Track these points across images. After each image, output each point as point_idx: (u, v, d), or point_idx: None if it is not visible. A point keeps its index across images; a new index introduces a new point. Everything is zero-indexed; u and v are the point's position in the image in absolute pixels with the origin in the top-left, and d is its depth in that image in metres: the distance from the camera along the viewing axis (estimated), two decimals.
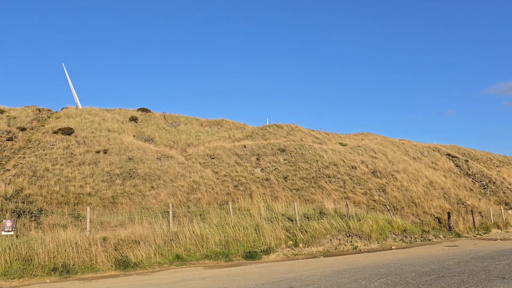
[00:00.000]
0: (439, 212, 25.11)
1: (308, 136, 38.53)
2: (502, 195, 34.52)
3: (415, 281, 9.51)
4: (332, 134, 44.62)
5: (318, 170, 27.72)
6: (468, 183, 34.89)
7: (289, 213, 19.46)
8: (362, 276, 10.32)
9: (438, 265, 11.81)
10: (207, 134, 38.55)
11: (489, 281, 9.34)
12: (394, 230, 19.80)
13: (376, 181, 27.36)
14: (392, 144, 41.13)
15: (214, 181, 25.53)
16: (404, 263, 12.42)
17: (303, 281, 9.84)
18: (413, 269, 11.25)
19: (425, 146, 44.19)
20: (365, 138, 46.28)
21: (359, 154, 32.00)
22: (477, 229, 24.19)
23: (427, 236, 20.67)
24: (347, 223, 18.49)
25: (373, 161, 30.55)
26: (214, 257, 14.81)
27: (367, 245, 17.76)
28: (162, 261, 14.13)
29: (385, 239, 18.76)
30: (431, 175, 31.85)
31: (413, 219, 23.81)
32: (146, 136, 34.86)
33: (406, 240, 19.51)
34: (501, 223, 26.58)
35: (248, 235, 16.10)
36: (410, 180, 28.65)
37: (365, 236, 18.21)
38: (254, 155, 29.71)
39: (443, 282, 9.35)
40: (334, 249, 16.95)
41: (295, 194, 24.78)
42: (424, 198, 26.49)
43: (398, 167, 30.45)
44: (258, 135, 37.82)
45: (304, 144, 32.36)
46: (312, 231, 17.21)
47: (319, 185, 25.96)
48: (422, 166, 34.32)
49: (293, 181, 26.31)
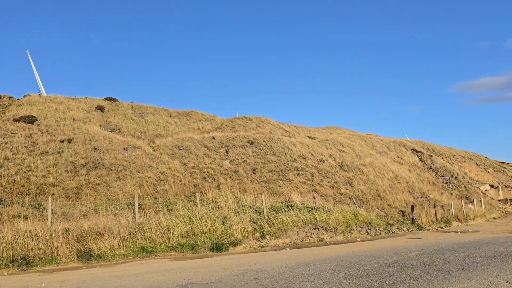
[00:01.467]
0: (403, 205, 25.77)
1: (277, 129, 38.65)
2: (463, 189, 35.79)
3: (378, 272, 9.69)
4: (301, 128, 44.95)
5: (286, 163, 27.87)
6: (432, 178, 35.96)
7: (257, 206, 19.47)
8: (327, 267, 10.43)
9: (400, 257, 12.09)
10: (176, 125, 38.02)
11: (448, 272, 9.62)
12: (359, 222, 20.18)
13: (343, 175, 27.77)
14: (360, 138, 41.85)
15: (182, 173, 25.23)
16: (368, 255, 12.64)
17: (268, 273, 9.85)
18: (376, 260, 11.46)
19: (392, 141, 45.21)
20: (333, 132, 46.88)
21: (327, 147, 32.37)
22: (439, 222, 24.99)
23: (391, 229, 21.17)
24: (314, 215, 18.67)
25: (341, 155, 30.98)
26: (180, 249, 14.64)
27: (333, 238, 18.01)
28: (126, 253, 13.84)
29: (350, 232, 19.08)
30: (396, 169, 32.62)
31: (378, 212, 24.33)
32: (113, 126, 34.04)
33: (371, 232, 19.91)
34: (462, 216, 27.57)
35: (215, 227, 16.00)
36: (376, 174, 29.24)
37: (331, 229, 18.46)
38: (223, 147, 29.55)
39: (405, 273, 9.56)
40: (300, 241, 17.10)
41: (263, 187, 24.83)
42: (389, 192, 27.11)
43: (365, 161, 31.01)
44: (227, 127, 37.63)
45: (273, 137, 32.43)
46: (279, 224, 17.29)
47: (287, 177, 26.10)
48: (388, 161, 35.09)
49: (262, 174, 26.35)
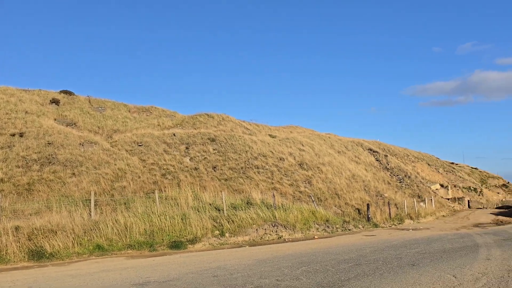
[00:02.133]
0: (359, 203, 26.51)
1: (238, 127, 38.69)
2: (415, 188, 37.29)
3: (334, 268, 9.95)
4: (263, 126, 45.22)
5: (247, 161, 27.96)
6: (387, 177, 37.22)
7: (217, 203, 19.44)
8: (285, 264, 10.60)
9: (356, 254, 12.47)
10: (135, 121, 37.22)
11: (400, 268, 10.03)
12: (317, 220, 20.58)
13: (302, 173, 28.20)
14: (319, 137, 42.64)
15: (141, 169, 24.75)
16: (325, 252, 12.95)
17: (227, 270, 9.88)
18: (333, 257, 11.76)
19: (350, 140, 46.38)
20: (294, 131, 47.48)
21: (288, 146, 32.76)
22: (392, 220, 25.92)
23: (348, 226, 21.75)
24: (273, 213, 18.87)
25: (301, 154, 31.45)
26: (138, 247, 14.38)
27: (292, 235, 18.28)
28: (81, 252, 13.44)
29: (308, 229, 19.43)
30: (353, 168, 33.50)
31: (336, 210, 24.91)
32: (68, 120, 32.83)
33: (328, 230, 20.37)
34: (414, 214, 28.73)
35: (175, 224, 15.84)
36: (335, 173, 29.91)
37: (290, 226, 18.72)
38: (184, 144, 29.25)
39: (360, 269, 9.88)
40: (259, 239, 17.23)
41: (224, 184, 24.80)
42: (346, 190, 27.81)
43: (324, 160, 31.63)
44: (188, 124, 37.26)
45: (235, 134, 32.44)
46: (239, 221, 17.35)
47: (247, 175, 26.21)
48: (346, 160, 35.98)
49: (222, 171, 26.31)
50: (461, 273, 9.34)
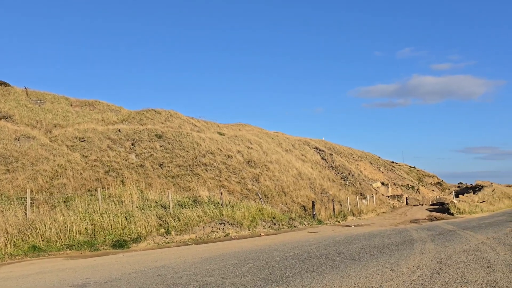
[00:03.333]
0: (305, 201, 27.11)
1: (187, 124, 38.21)
2: (358, 186, 38.71)
3: (279, 265, 10.10)
4: (211, 123, 44.97)
5: (195, 158, 27.69)
6: (332, 175, 38.33)
7: (163, 201, 19.09)
8: (231, 262, 10.61)
9: (300, 250, 12.73)
10: (78, 115, 35.66)
11: (342, 263, 10.37)
12: (264, 217, 20.80)
13: (250, 171, 28.37)
14: (268, 136, 43.09)
15: (83, 166, 23.76)
16: (271, 249, 13.11)
17: (172, 269, 9.73)
18: (278, 254, 11.94)
19: (297, 139, 47.27)
20: (242, 129, 47.63)
21: (236, 144, 32.81)
22: (336, 217, 26.74)
23: (293, 223, 22.16)
24: (220, 211, 18.83)
25: (249, 151, 31.62)
26: (78, 247, 13.80)
27: (239, 232, 18.34)
28: (15, 253, 12.68)
29: (255, 226, 19.58)
30: (300, 166, 34.18)
31: (282, 207, 25.30)
32: (2, 113, 30.83)
33: (275, 227, 20.65)
34: (356, 211, 29.82)
35: (118, 223, 15.36)
36: (282, 171, 30.36)
37: (237, 224, 18.78)
38: (129, 140, 28.43)
39: (304, 265, 10.10)
40: (206, 237, 17.14)
41: (171, 182, 24.40)
42: (293, 188, 28.32)
43: (272, 158, 32.01)
44: (134, 120, 36.26)
45: (182, 131, 32.00)
46: (185, 219, 17.14)
47: (195, 173, 25.96)
48: (293, 158, 36.64)
49: (169, 168, 25.87)
50: (398, 266, 9.81)
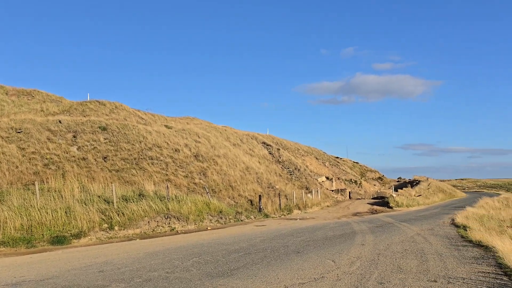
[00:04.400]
0: (252, 195, 27.34)
1: (132, 116, 37.17)
2: (304, 180, 39.61)
3: (225, 258, 10.15)
4: (158, 116, 44.06)
5: (140, 152, 27.04)
6: (278, 169, 38.92)
7: (106, 195, 18.50)
8: (176, 256, 10.51)
9: (246, 243, 12.86)
10: (14, 105, 33.59)
11: (286, 255, 10.61)
12: (211, 211, 20.75)
13: (198, 165, 28.16)
14: (216, 130, 42.92)
15: (19, 159, 22.45)
16: (217, 243, 13.13)
17: (114, 265, 9.48)
18: (224, 247, 11.99)
19: (245, 134, 47.48)
20: (190, 123, 47.10)
21: (184, 137, 32.41)
22: (282, 210, 27.22)
23: (240, 217, 22.30)
24: (166, 205, 18.56)
25: (197, 145, 31.35)
26: (13, 244, 13.06)
27: (185, 227, 18.18)
28: None
29: (202, 220, 19.50)
30: (248, 161, 34.40)
31: (229, 201, 25.37)
32: None
33: (222, 221, 20.67)
34: (302, 205, 30.52)
35: (57, 218, 14.70)
36: (229, 165, 30.39)
37: (183, 218, 18.60)
38: (71, 132, 27.21)
39: (249, 258, 10.22)
40: (151, 231, 16.84)
41: (115, 176, 23.68)
42: (240, 182, 28.46)
43: (219, 152, 31.95)
44: (77, 111, 34.73)
45: (128, 123, 31.10)
46: (129, 214, 16.73)
47: (140, 166, 25.36)
48: (241, 152, 36.78)
49: (114, 162, 25.07)
50: (340, 258, 10.20)
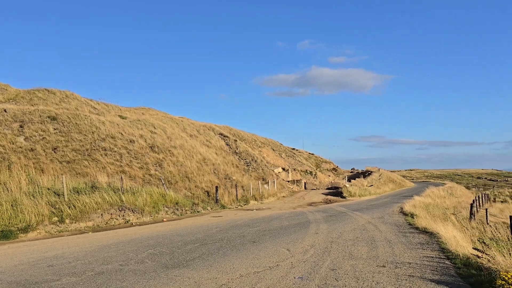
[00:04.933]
0: (209, 186, 27.27)
1: (84, 106, 35.88)
2: (261, 171, 39.94)
3: (181, 249, 10.10)
4: (112, 106, 42.78)
5: (93, 142, 26.20)
6: (235, 161, 38.99)
7: (56, 187, 17.80)
8: (130, 248, 10.34)
9: (202, 234, 12.85)
10: None
11: (242, 245, 10.71)
12: (167, 203, 20.52)
13: (153, 156, 27.69)
14: (172, 121, 42.29)
15: None
16: (172, 234, 13.03)
17: (65, 259, 9.20)
18: (180, 239, 11.92)
19: (202, 125, 47.11)
20: (146, 113, 46.11)
21: (139, 128, 31.72)
22: (239, 201, 27.36)
23: (197, 208, 22.21)
24: (120, 197, 18.14)
25: (152, 136, 30.79)
26: None
27: (140, 219, 17.88)
28: None
29: (157, 212, 19.25)
30: (204, 152, 34.21)
31: (186, 192, 25.17)
32: None
33: (178, 212, 20.50)
34: (258, 195, 30.80)
35: (3, 212, 14.00)
36: (186, 156, 30.11)
37: (138, 210, 18.28)
38: (17, 121, 25.89)
39: (205, 248, 10.23)
40: (105, 224, 16.43)
41: (66, 167, 22.84)
42: (197, 173, 28.28)
43: (176, 143, 31.55)
44: (24, 99, 33.05)
45: (80, 113, 30.01)
46: (81, 206, 16.22)
47: (93, 158, 24.59)
48: (198, 144, 36.50)
49: (64, 153, 24.16)
50: (294, 246, 10.43)
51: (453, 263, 8.63)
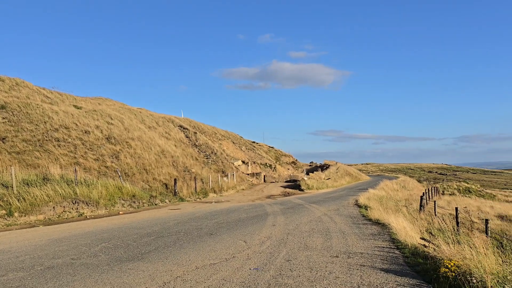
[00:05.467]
0: (167, 178, 26.92)
1: (36, 94, 34.34)
2: (220, 164, 39.87)
3: (136, 242, 9.95)
4: (67, 95, 41.19)
5: (45, 133, 25.17)
6: (195, 153, 38.69)
7: (4, 179, 16.98)
8: (83, 242, 10.07)
9: (159, 227, 12.70)
10: None
11: (199, 237, 10.69)
12: (123, 196, 20.09)
13: (110, 148, 26.98)
14: (130, 112, 41.31)
15: None
16: (128, 227, 12.79)
17: (12, 253, 8.83)
18: (136, 232, 11.72)
19: (161, 116, 46.34)
20: (103, 103, 44.75)
21: (95, 119, 30.77)
22: (198, 194, 27.20)
23: (154, 201, 21.90)
24: (74, 189, 17.58)
25: (109, 127, 29.97)
26: None
27: (94, 212, 17.41)
28: None
29: (113, 205, 18.82)
30: (163, 144, 33.70)
31: (143, 185, 24.74)
32: None
33: (135, 205, 20.13)
34: (218, 188, 30.75)
35: None
36: (144, 148, 29.55)
37: (93, 203, 17.80)
38: None
39: (161, 241, 10.13)
40: (57, 217, 15.87)
41: (15, 158, 21.84)
42: (155, 166, 27.84)
43: (134, 135, 30.89)
44: None
45: (31, 102, 28.71)
46: (31, 199, 15.58)
47: (45, 149, 23.64)
48: (156, 135, 35.90)
49: (14, 144, 23.07)
50: (251, 238, 10.52)
51: (402, 252, 9.02)
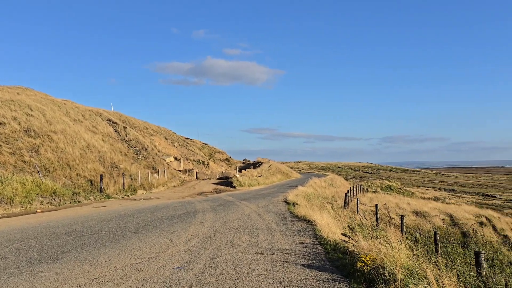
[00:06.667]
0: (93, 174, 25.66)
1: None
2: (151, 160, 38.80)
3: (52, 243, 9.34)
4: None
5: None
6: (124, 149, 37.27)
7: None
8: None
9: (80, 226, 12.05)
10: None
11: (123, 236, 10.29)
12: (42, 192, 18.85)
13: (29, 141, 25.15)
14: (53, 103, 38.82)
15: None
16: (45, 226, 12.00)
17: None
18: (53, 231, 11.03)
19: (88, 109, 44.08)
20: (22, 93, 41.58)
21: (12, 109, 28.52)
22: (126, 191, 26.23)
23: (78, 198, 20.79)
24: None
25: (28, 119, 27.93)
26: None
27: (8, 210, 16.14)
28: None
29: (31, 203, 17.58)
30: (89, 138, 32.09)
31: (66, 181, 23.37)
32: None
33: (55, 202, 18.96)
34: (147, 185, 29.88)
35: None
36: (68, 142, 27.92)
37: (7, 200, 16.49)
38: None
39: (81, 241, 9.61)
40: None
41: None
42: (79, 161, 26.42)
43: (56, 128, 29.06)
44: None
45: None
46: None
47: None
48: (82, 129, 34.09)
49: None
50: (177, 236, 10.32)
51: (324, 248, 9.33)
